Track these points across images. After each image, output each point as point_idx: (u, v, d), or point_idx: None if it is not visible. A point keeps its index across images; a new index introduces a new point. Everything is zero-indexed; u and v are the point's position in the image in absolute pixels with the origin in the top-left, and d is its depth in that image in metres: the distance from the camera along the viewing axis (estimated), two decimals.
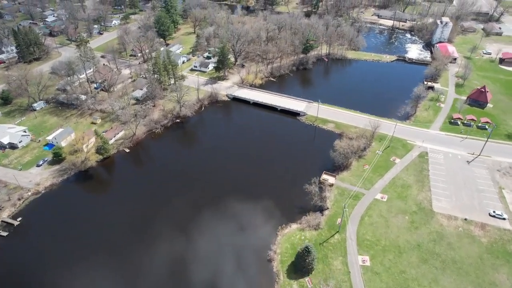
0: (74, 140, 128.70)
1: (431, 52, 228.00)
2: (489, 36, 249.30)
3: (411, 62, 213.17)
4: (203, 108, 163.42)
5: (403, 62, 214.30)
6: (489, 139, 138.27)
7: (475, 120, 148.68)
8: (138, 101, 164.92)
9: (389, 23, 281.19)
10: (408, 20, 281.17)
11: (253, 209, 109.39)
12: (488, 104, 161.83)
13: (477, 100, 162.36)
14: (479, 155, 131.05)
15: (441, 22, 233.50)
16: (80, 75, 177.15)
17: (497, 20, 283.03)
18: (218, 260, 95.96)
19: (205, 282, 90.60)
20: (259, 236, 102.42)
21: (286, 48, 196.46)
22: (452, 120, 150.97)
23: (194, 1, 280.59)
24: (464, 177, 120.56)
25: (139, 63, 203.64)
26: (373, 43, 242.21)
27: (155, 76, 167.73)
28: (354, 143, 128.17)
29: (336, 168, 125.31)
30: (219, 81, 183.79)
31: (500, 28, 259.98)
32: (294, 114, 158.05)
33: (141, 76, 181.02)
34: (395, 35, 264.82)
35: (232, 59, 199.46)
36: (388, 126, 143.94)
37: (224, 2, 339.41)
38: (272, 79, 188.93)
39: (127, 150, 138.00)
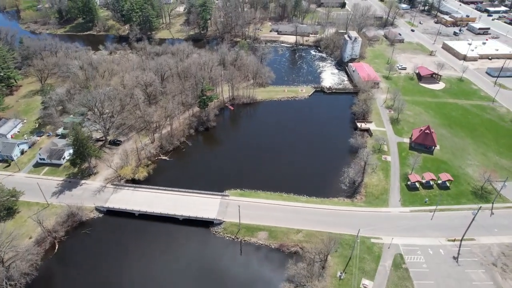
0: None
1: (347, 74, 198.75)
2: (393, 45, 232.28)
3: (331, 92, 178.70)
4: (56, 247, 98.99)
5: (322, 94, 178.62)
6: (456, 205, 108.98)
7: (435, 179, 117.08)
8: None
9: (291, 39, 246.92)
10: (311, 34, 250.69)
11: None
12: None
13: (423, 143, 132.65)
14: (461, 240, 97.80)
15: (350, 38, 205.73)
16: None
17: (392, 24, 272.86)
18: None
19: None
20: None
21: (175, 109, 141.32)
22: (410, 183, 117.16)
23: (39, 43, 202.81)
24: None
25: None
26: (281, 71, 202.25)
27: None
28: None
29: None
30: (82, 181, 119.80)
31: (400, 34, 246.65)
32: (205, 223, 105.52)
33: None
34: (300, 54, 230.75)
35: (101, 132, 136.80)
36: (336, 215, 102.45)
37: (88, 33, 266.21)
38: (164, 157, 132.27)
39: None
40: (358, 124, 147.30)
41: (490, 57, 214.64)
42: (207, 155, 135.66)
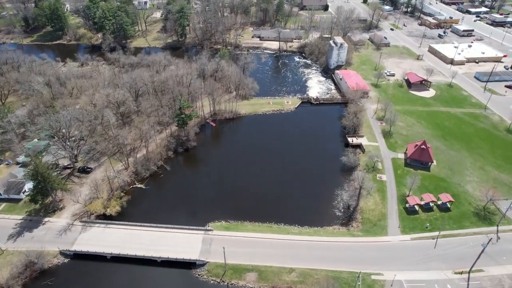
0: None
1: (334, 82, 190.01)
2: (379, 49, 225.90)
3: (318, 103, 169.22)
4: None
5: (309, 105, 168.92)
6: (459, 229, 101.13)
7: (435, 201, 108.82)
8: None
9: (274, 45, 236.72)
10: (295, 39, 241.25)
11: None
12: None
13: (419, 160, 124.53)
14: (469, 272, 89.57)
15: (336, 44, 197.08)
16: None
17: (377, 27, 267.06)
18: None
19: None
20: None
21: (150, 129, 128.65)
22: (408, 206, 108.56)
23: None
24: None
25: None
26: (265, 81, 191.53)
27: None
28: None
29: None
30: (46, 219, 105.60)
31: (386, 38, 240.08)
32: (186, 264, 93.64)
33: None
34: (284, 61, 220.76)
35: (66, 159, 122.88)
36: (332, 248, 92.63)
37: (57, 42, 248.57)
38: (139, 185, 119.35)
39: None
40: (349, 139, 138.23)
41: (477, 61, 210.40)
42: (187, 180, 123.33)
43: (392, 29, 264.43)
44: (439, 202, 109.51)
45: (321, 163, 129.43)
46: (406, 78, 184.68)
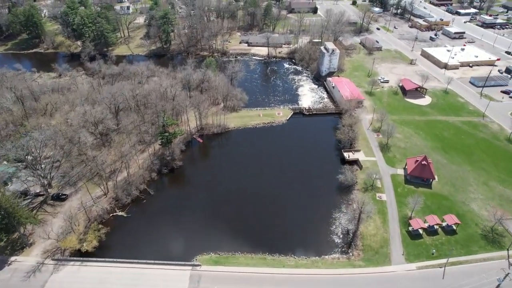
0: None
1: (326, 90, 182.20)
2: (372, 53, 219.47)
3: (311, 114, 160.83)
4: None
5: (301, 116, 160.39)
6: (467, 255, 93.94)
7: (440, 223, 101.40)
8: None
9: (263, 51, 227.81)
10: (284, 45, 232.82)
11: None
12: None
13: (420, 176, 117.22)
14: None
15: (327, 50, 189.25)
16: None
17: (367, 30, 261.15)
18: None
19: None
20: None
21: (132, 149, 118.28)
22: (411, 230, 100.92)
23: None
24: None
25: None
26: (254, 90, 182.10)
27: None
28: None
29: None
30: (12, 258, 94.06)
31: (377, 41, 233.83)
32: None
33: None
34: (273, 68, 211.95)
35: (38, 186, 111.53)
36: (333, 283, 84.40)
37: (34, 51, 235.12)
38: (120, 212, 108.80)
39: None
40: (346, 155, 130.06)
41: (471, 65, 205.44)
42: (172, 206, 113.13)
43: (378, 29, 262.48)
44: (444, 224, 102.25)
45: (317, 182, 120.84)
46: (400, 85, 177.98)
